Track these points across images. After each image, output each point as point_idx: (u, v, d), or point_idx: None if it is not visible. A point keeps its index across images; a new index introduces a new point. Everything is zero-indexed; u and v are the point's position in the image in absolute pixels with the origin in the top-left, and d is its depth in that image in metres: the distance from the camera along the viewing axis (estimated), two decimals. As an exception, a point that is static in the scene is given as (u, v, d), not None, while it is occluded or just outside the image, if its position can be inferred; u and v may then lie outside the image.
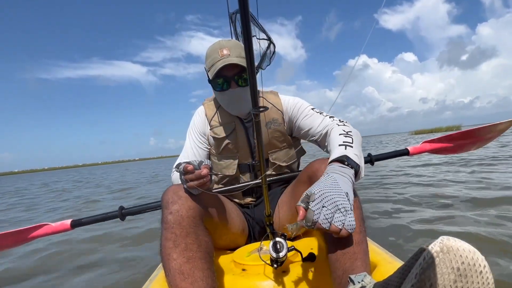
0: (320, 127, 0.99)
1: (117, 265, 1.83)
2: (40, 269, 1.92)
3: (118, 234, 2.61)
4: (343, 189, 0.61)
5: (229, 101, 1.03)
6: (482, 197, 2.37)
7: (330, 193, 0.59)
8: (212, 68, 0.96)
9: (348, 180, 0.65)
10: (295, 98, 1.11)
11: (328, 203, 0.58)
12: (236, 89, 0.99)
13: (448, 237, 0.37)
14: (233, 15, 1.22)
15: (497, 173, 3.52)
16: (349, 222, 0.58)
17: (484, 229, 1.66)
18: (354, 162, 0.70)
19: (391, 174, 4.26)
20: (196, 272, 0.66)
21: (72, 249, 2.34)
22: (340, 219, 0.57)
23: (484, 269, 0.34)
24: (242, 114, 1.07)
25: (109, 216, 1.16)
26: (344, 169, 0.68)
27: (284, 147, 1.11)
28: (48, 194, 7.69)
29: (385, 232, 1.86)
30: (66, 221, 1.21)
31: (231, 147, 1.08)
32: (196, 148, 1.11)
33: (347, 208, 0.58)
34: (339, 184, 0.62)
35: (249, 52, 0.50)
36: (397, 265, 0.74)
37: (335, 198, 0.59)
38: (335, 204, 0.58)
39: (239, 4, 0.43)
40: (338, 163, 0.70)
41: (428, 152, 1.37)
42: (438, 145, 1.37)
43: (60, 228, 1.21)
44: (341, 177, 0.65)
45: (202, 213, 0.77)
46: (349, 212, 0.58)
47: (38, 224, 1.24)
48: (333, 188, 0.60)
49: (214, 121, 1.09)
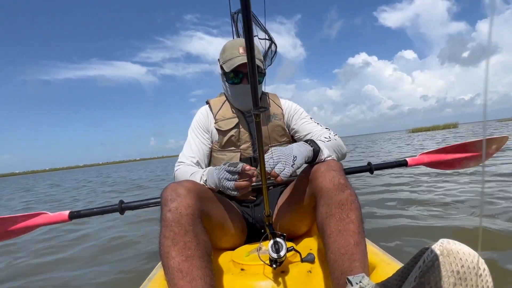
0: (315, 134, 1.11)
1: (116, 263, 1.83)
2: (37, 267, 1.91)
3: (116, 231, 2.62)
4: (293, 153, 0.81)
5: (237, 95, 1.10)
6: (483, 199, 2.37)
7: (278, 152, 0.80)
8: (230, 62, 1.05)
9: (302, 151, 0.83)
10: (293, 103, 1.22)
11: (275, 156, 0.79)
12: (246, 85, 1.07)
13: (448, 240, 0.37)
14: (235, 15, 1.22)
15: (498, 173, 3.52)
16: (285, 172, 0.78)
17: (485, 230, 1.66)
18: (315, 144, 0.88)
19: (391, 176, 4.26)
20: (194, 271, 0.66)
21: (69, 246, 2.34)
22: (280, 168, 0.78)
23: (483, 272, 0.34)
24: (246, 108, 1.13)
25: (108, 209, 1.14)
26: (305, 145, 0.86)
27: (284, 142, 1.16)
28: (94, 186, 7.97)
29: (384, 233, 1.86)
30: (64, 212, 1.16)
31: (234, 140, 1.11)
32: (200, 144, 1.13)
33: (288, 164, 0.79)
34: (292, 150, 0.82)
35: (250, 52, 0.50)
36: (396, 266, 0.74)
37: (281, 155, 0.80)
38: (279, 158, 0.79)
39: (241, 4, 0.42)
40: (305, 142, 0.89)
41: (426, 165, 1.38)
42: (434, 158, 1.38)
43: (57, 219, 1.15)
44: (297, 148, 0.83)
45: (201, 211, 0.77)
46: (288, 166, 0.78)
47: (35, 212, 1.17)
48: (284, 150, 0.81)
49: (219, 115, 1.13)
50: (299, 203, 0.94)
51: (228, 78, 1.08)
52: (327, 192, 0.75)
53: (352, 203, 0.73)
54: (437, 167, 1.41)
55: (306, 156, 0.83)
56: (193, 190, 0.77)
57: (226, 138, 1.10)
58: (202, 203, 0.78)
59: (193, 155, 1.10)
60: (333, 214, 0.72)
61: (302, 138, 1.14)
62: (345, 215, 0.71)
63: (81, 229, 2.88)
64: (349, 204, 0.72)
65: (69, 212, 1.16)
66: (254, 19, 1.15)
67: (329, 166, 0.80)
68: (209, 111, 1.16)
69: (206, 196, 0.84)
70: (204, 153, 1.13)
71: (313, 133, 1.12)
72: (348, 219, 0.71)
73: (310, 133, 1.12)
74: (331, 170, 0.79)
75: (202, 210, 0.78)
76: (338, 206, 0.72)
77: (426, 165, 1.39)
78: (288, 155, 0.80)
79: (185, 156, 1.10)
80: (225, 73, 1.08)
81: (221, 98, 1.18)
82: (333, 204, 0.73)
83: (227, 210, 0.95)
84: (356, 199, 0.75)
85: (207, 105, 1.19)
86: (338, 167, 0.81)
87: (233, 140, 1.11)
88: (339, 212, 0.72)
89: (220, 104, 1.16)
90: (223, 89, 1.18)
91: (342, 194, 0.74)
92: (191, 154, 1.10)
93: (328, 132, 1.09)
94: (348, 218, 0.71)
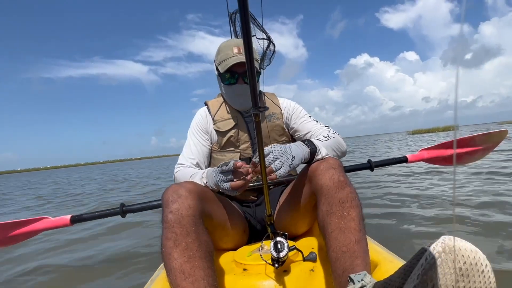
0: (315, 132, 1.10)
1: (119, 265, 1.83)
2: (39, 268, 1.91)
3: (119, 233, 2.62)
4: (292, 153, 0.81)
5: (234, 95, 1.10)
6: (484, 198, 2.37)
7: (279, 149, 0.80)
8: (224, 63, 1.05)
9: (301, 151, 0.84)
10: (292, 101, 1.21)
11: (276, 152, 0.79)
12: (242, 85, 1.07)
13: (450, 237, 0.37)
14: (233, 15, 1.22)
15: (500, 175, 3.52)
16: (281, 171, 0.77)
17: (486, 229, 1.66)
18: (313, 144, 0.88)
19: (392, 173, 4.27)
20: (197, 272, 0.66)
21: (71, 248, 2.34)
22: (277, 165, 0.77)
23: (486, 268, 0.34)
24: (244, 108, 1.13)
25: (109, 213, 1.15)
26: (302, 146, 0.86)
27: (283, 141, 1.16)
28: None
29: (386, 231, 1.86)
30: (66, 216, 1.17)
31: (233, 140, 1.11)
32: (200, 146, 1.13)
33: (286, 163, 0.79)
34: (291, 149, 0.82)
35: (248, 52, 0.50)
36: (397, 264, 0.74)
37: (281, 152, 0.79)
38: (279, 155, 0.79)
39: (238, 4, 0.42)
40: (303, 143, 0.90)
41: (426, 161, 1.38)
42: (435, 153, 1.38)
43: (59, 223, 1.17)
44: (296, 148, 0.83)
45: (202, 212, 0.77)
46: (285, 166, 0.78)
47: (37, 217, 1.19)
48: (284, 148, 0.81)
49: (218, 116, 1.13)
50: (300, 202, 0.94)
51: (224, 79, 1.08)
52: (327, 190, 0.75)
53: (352, 201, 0.73)
54: (438, 163, 1.41)
55: (303, 157, 0.83)
56: (194, 191, 0.77)
57: (225, 139, 1.10)
58: (203, 204, 0.78)
59: (193, 156, 1.10)
60: (333, 212, 0.72)
61: (301, 137, 1.13)
62: (345, 213, 0.71)
63: (82, 231, 2.88)
64: (349, 202, 0.72)
65: (70, 216, 1.17)
66: (252, 19, 1.14)
67: (328, 164, 0.80)
68: (208, 112, 1.16)
69: (207, 197, 0.84)
70: (204, 154, 1.13)
71: (312, 131, 1.12)
72: (349, 216, 0.71)
73: (309, 132, 1.12)
74: (331, 168, 0.79)
75: (203, 211, 0.78)
76: (338, 204, 0.72)
77: (426, 161, 1.39)
78: (288, 153, 0.80)
79: (184, 158, 1.10)
80: (220, 74, 1.08)
81: (219, 99, 1.18)
82: (334, 202, 0.73)
83: (228, 210, 0.94)
84: (357, 196, 0.75)
85: (205, 107, 1.19)
86: (338, 165, 0.81)
87: (232, 141, 1.11)
88: (340, 210, 0.72)
89: (218, 105, 1.16)
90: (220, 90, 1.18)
91: (342, 191, 0.74)
92: (190, 156, 1.10)
93: (328, 131, 1.08)
94: (349, 216, 0.71)
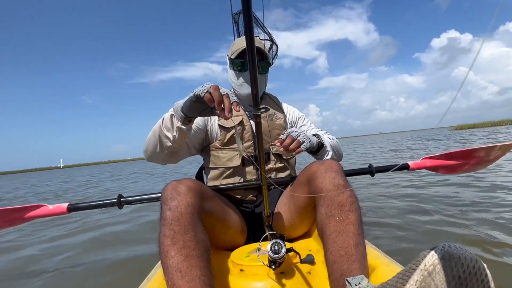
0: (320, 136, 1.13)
1: (115, 263, 1.82)
2: (34, 267, 1.91)
3: (115, 230, 2.62)
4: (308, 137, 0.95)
5: (242, 82, 1.12)
6: (485, 202, 2.37)
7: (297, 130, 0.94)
8: (237, 50, 1.10)
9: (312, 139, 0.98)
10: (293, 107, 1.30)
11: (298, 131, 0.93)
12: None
13: (450, 244, 0.37)
14: (236, 16, 1.22)
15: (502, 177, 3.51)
16: (305, 144, 0.92)
17: (486, 234, 1.66)
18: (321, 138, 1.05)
19: (392, 177, 4.26)
20: (193, 270, 0.65)
21: (65, 244, 2.33)
22: (302, 138, 0.92)
23: (486, 278, 0.34)
24: (248, 98, 1.13)
25: (107, 203, 1.14)
26: (313, 137, 1.01)
27: None
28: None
29: (385, 235, 1.85)
30: (63, 204, 1.17)
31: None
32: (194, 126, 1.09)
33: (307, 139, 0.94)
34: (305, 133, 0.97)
35: (251, 53, 0.50)
36: (395, 268, 0.74)
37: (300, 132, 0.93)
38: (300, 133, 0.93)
39: (242, 5, 0.42)
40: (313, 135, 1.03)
41: (428, 169, 1.38)
42: (437, 162, 1.38)
43: (56, 211, 1.17)
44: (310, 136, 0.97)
45: (201, 210, 0.77)
46: (307, 141, 0.93)
47: (35, 204, 1.19)
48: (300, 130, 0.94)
49: None
50: (298, 204, 0.94)
51: (235, 65, 1.11)
52: (327, 192, 0.75)
53: (351, 204, 0.73)
54: (439, 171, 1.41)
55: (314, 145, 0.97)
56: (194, 189, 0.77)
57: (229, 135, 1.09)
58: (202, 202, 0.78)
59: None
60: (332, 215, 0.72)
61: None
62: (344, 216, 0.71)
63: (78, 225, 2.88)
64: (348, 205, 0.72)
65: (67, 204, 1.17)
66: (255, 20, 1.15)
67: (329, 167, 0.80)
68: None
69: (206, 195, 0.84)
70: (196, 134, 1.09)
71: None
72: (348, 220, 0.71)
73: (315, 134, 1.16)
74: (331, 171, 0.79)
75: (202, 209, 0.78)
76: (337, 207, 0.72)
77: (428, 169, 1.39)
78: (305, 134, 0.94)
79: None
80: (232, 61, 1.12)
81: None
82: (333, 205, 0.73)
83: (227, 210, 0.94)
84: (356, 200, 0.75)
85: None
86: (338, 168, 0.81)
87: (235, 138, 1.10)
88: (339, 213, 0.72)
89: None
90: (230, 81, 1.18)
91: (342, 195, 0.74)
92: None
93: (330, 135, 1.19)
94: (348, 219, 0.71)
